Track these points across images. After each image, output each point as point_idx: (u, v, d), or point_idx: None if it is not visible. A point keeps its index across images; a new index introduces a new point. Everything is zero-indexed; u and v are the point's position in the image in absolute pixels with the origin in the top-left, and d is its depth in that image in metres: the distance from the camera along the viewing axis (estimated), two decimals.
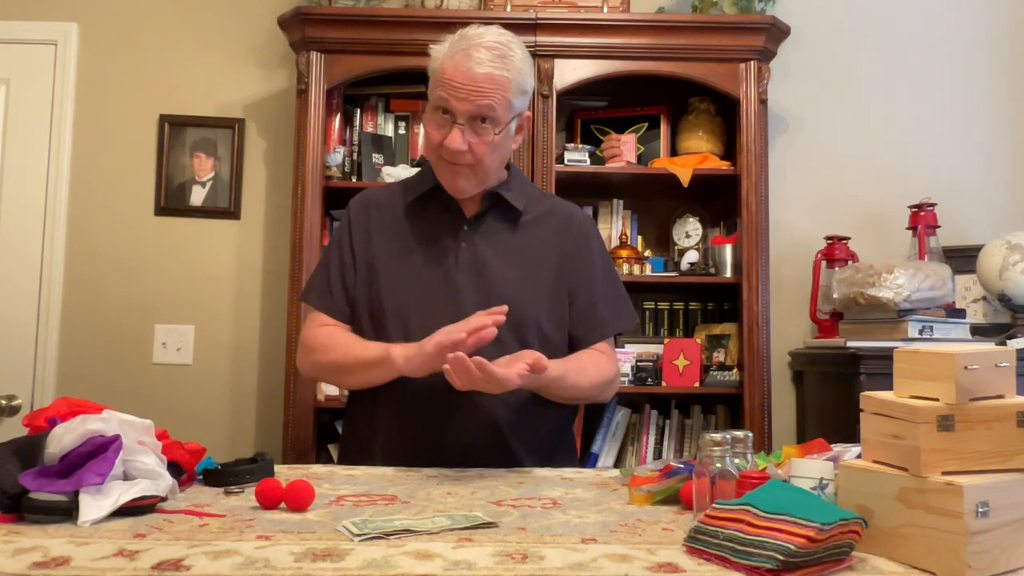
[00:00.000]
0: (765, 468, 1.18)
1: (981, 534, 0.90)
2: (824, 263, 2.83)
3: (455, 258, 1.65)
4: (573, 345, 1.71)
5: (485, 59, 1.55)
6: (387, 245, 1.68)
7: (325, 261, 1.75)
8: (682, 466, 1.25)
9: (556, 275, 1.69)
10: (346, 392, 1.88)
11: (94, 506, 1.06)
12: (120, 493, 1.09)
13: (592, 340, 1.71)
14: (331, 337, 1.66)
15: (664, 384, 2.71)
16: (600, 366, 1.69)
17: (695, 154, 2.80)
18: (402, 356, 1.52)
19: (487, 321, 1.44)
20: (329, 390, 2.61)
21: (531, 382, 1.49)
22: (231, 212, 2.97)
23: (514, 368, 1.42)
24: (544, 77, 2.67)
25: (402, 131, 2.86)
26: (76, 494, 1.07)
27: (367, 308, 1.67)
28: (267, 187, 3.00)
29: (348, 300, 1.69)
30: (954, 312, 2.53)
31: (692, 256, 2.83)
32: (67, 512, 1.06)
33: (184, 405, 2.90)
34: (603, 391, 1.71)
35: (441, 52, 1.60)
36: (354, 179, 2.79)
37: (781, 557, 0.87)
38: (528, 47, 2.63)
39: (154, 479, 1.15)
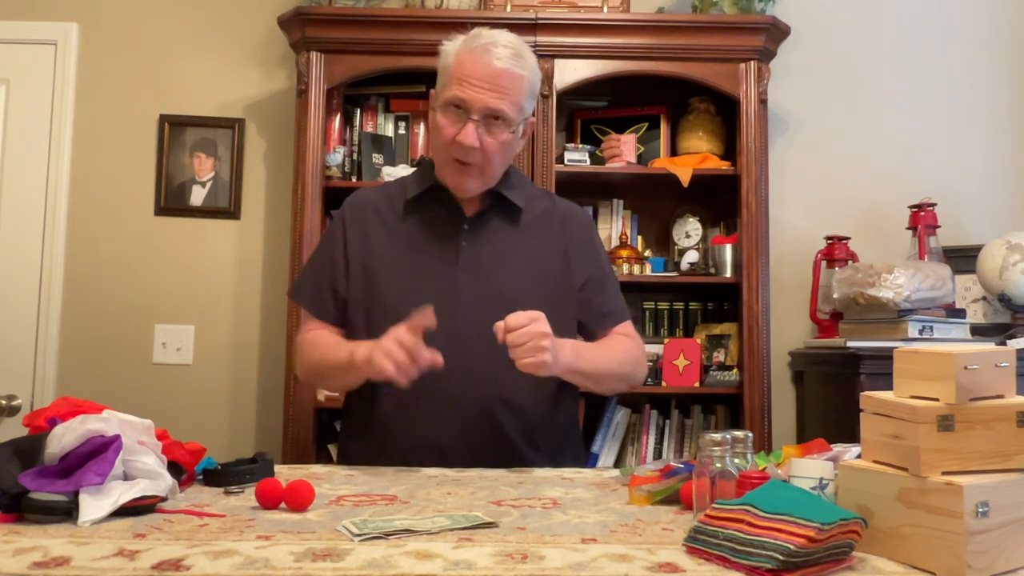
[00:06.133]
0: (765, 468, 1.18)
1: (981, 534, 0.90)
2: (824, 263, 2.83)
3: (456, 258, 1.64)
4: (588, 339, 1.72)
5: (504, 55, 1.56)
6: (385, 246, 1.67)
7: (317, 261, 1.74)
8: (682, 466, 1.25)
9: (559, 274, 1.69)
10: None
11: (94, 506, 1.06)
12: (120, 493, 1.09)
13: (604, 330, 1.72)
14: (315, 341, 1.68)
15: (664, 384, 2.71)
16: (621, 345, 1.70)
17: (695, 154, 2.80)
18: (362, 358, 1.48)
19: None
20: None
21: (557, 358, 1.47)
22: (231, 212, 2.97)
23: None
24: (544, 77, 2.66)
25: (402, 131, 2.86)
26: (76, 494, 1.07)
27: (363, 310, 1.65)
28: (267, 187, 3.00)
29: (338, 305, 1.68)
30: (954, 312, 2.53)
31: (692, 256, 2.83)
32: (67, 512, 1.06)
33: (184, 405, 2.90)
34: (634, 368, 1.72)
35: (455, 48, 1.60)
36: (354, 179, 2.79)
37: (781, 557, 0.87)
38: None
39: (154, 479, 1.16)
